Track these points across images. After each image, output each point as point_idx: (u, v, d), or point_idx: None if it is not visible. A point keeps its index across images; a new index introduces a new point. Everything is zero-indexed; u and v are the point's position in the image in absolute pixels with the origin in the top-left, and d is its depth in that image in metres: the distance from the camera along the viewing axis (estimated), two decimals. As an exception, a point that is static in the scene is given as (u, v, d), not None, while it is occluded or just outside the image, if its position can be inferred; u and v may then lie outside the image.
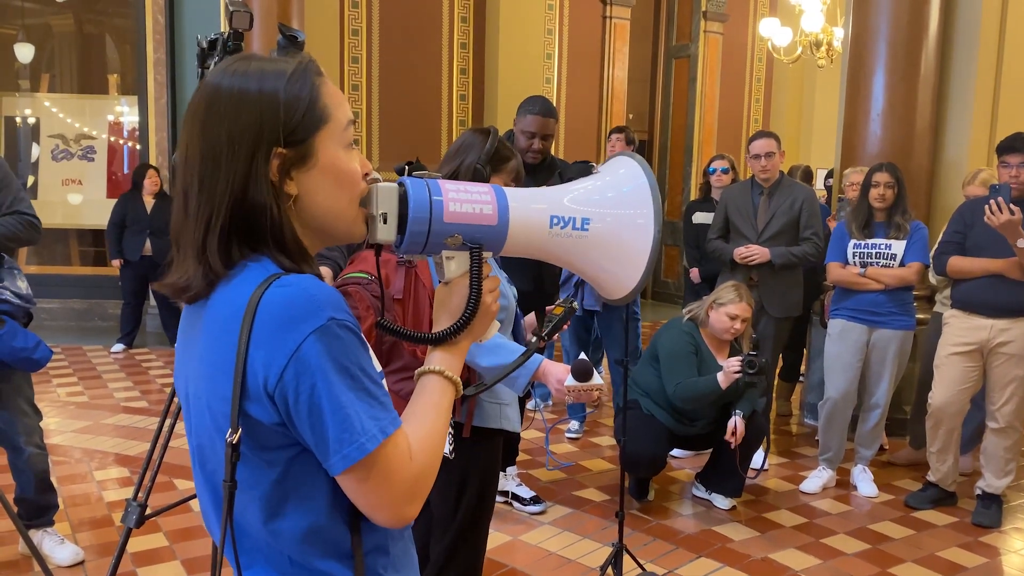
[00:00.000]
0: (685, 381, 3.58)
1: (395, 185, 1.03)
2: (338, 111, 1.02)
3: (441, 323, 1.11)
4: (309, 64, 1.02)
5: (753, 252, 4.14)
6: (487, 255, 1.08)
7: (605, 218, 1.10)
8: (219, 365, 0.96)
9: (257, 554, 1.02)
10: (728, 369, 3.45)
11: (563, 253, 1.11)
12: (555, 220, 1.08)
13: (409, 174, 1.05)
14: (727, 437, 3.54)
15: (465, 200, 1.03)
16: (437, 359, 1.09)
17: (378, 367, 1.09)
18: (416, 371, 1.09)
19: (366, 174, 1.05)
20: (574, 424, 4.80)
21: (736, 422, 3.52)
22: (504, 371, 1.22)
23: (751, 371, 3.39)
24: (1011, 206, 3.31)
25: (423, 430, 1.02)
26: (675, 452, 4.33)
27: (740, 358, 3.44)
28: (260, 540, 1.01)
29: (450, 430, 1.95)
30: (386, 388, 1.02)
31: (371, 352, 1.03)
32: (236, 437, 0.94)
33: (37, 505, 3.05)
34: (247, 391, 0.94)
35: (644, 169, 1.12)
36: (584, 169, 3.41)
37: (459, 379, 1.09)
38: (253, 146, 0.97)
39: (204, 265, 0.98)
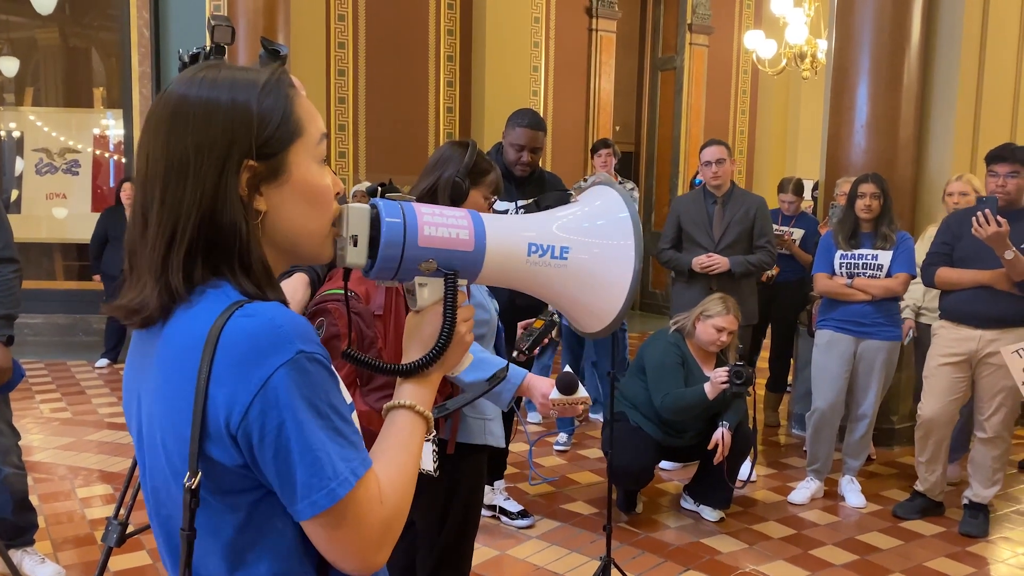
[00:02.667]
0: (672, 392, 3.57)
1: (367, 207, 0.98)
2: (311, 124, 0.96)
3: (412, 354, 1.03)
4: (283, 75, 0.97)
5: (715, 261, 4.15)
6: (462, 282, 1.02)
7: (586, 248, 1.05)
8: (176, 402, 0.88)
9: None
10: (715, 379, 3.45)
11: (540, 283, 1.06)
12: (533, 248, 1.03)
13: (381, 196, 1.00)
14: (710, 447, 3.54)
15: (440, 224, 0.98)
16: (407, 392, 1.02)
17: (348, 399, 1.04)
18: (384, 406, 1.02)
19: (337, 193, 1.00)
20: (562, 437, 4.79)
21: (723, 433, 3.52)
22: (479, 390, 1.18)
23: (738, 382, 3.39)
24: (998, 218, 3.32)
25: (393, 470, 0.95)
26: (663, 464, 4.32)
27: (727, 368, 3.44)
28: None
29: (434, 446, 1.93)
30: (356, 423, 0.95)
31: (340, 384, 0.97)
32: (196, 482, 0.86)
33: (16, 526, 3.00)
34: (207, 431, 0.86)
35: (625, 199, 1.08)
36: (562, 197, 3.41)
37: (430, 414, 1.02)
38: (223, 159, 0.90)
39: (162, 286, 0.90)
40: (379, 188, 1.02)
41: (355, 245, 0.97)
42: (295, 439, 0.85)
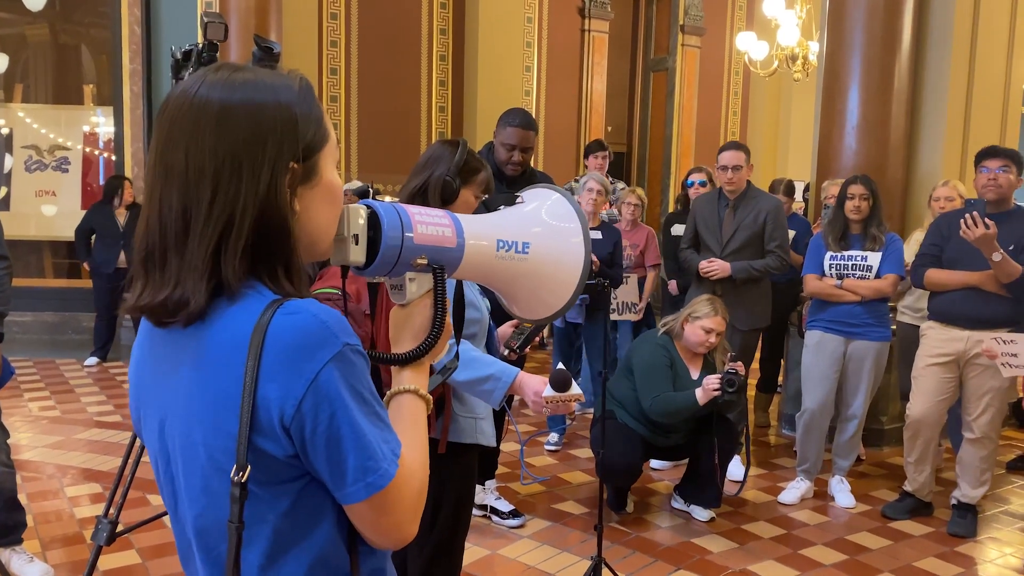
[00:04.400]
0: (662, 395, 3.57)
1: (362, 207, 1.04)
2: (331, 129, 1.02)
3: (403, 344, 1.10)
4: (309, 81, 1.01)
5: (714, 267, 4.15)
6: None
7: (542, 242, 1.16)
8: (222, 399, 0.91)
9: None
10: (707, 386, 3.44)
11: (505, 275, 1.16)
12: (501, 244, 1.12)
13: (373, 197, 1.07)
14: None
15: (430, 223, 1.06)
16: (408, 378, 1.08)
17: None
18: (388, 392, 1.08)
19: None
20: (553, 436, 4.80)
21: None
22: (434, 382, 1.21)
23: (731, 390, 3.39)
24: (986, 220, 3.34)
25: (413, 447, 1.02)
26: (655, 464, 4.33)
27: (719, 376, 3.43)
28: None
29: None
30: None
31: None
32: (245, 475, 0.90)
33: (4, 524, 2.98)
34: (258, 425, 0.90)
35: (568, 197, 1.20)
36: (509, 199, 3.46)
37: (429, 396, 1.09)
38: (274, 159, 0.93)
39: (212, 282, 0.91)
40: (369, 190, 1.06)
41: (356, 243, 1.02)
42: (345, 427, 0.91)
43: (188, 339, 0.95)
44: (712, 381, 3.42)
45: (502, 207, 1.23)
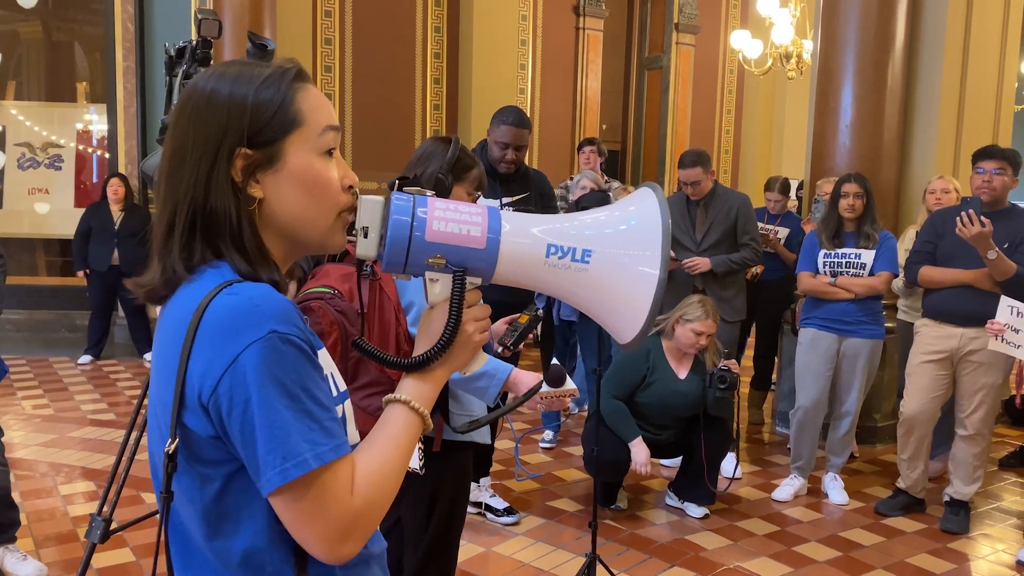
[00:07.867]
0: (620, 409, 3.62)
1: (380, 199, 0.98)
2: (314, 116, 0.99)
3: (421, 348, 1.03)
4: (289, 69, 1.00)
5: (695, 262, 4.20)
6: (474, 281, 1.00)
7: (608, 252, 1.00)
8: (165, 372, 0.94)
9: (206, 569, 0.97)
10: (636, 462, 3.54)
11: (561, 286, 1.02)
12: (553, 249, 0.99)
13: (400, 189, 1.00)
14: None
15: (451, 220, 0.97)
16: (407, 388, 1.01)
17: (341, 387, 1.05)
18: (384, 398, 1.02)
19: (350, 186, 1.01)
20: (548, 434, 4.80)
21: None
22: (501, 412, 1.21)
23: (723, 387, 3.43)
24: (982, 218, 3.35)
25: (374, 465, 0.94)
26: (665, 462, 4.34)
27: (649, 462, 3.55)
28: (207, 556, 0.97)
29: (420, 444, 1.93)
30: (338, 412, 0.96)
31: (331, 371, 0.98)
32: (173, 447, 0.91)
33: (-2, 522, 2.98)
34: (185, 400, 0.91)
35: (660, 205, 1.02)
36: (602, 199, 3.39)
37: (427, 412, 1.01)
38: (216, 147, 0.94)
39: (163, 265, 0.96)
40: (397, 181, 1.01)
41: (365, 236, 0.98)
42: (259, 415, 0.87)
43: (162, 315, 1.00)
44: (642, 463, 3.53)
45: (592, 207, 1.12)
